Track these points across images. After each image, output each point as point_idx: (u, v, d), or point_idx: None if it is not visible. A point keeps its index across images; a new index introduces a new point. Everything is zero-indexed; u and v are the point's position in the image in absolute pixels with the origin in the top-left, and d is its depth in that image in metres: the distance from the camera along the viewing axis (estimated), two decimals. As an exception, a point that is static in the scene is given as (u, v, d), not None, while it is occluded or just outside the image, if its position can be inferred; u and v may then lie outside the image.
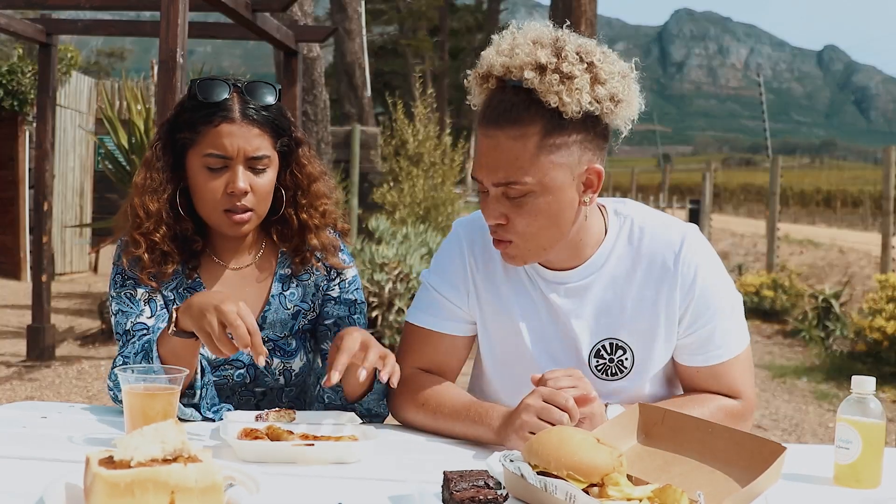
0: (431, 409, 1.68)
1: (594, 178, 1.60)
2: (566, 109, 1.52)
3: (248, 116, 1.74)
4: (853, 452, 1.43)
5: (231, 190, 1.73)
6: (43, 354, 6.24)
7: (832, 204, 21.72)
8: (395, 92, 12.08)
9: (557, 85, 1.51)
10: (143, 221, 1.77)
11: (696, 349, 1.69)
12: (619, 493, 1.22)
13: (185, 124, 1.77)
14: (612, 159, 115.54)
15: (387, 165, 10.19)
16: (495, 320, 1.76)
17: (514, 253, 1.64)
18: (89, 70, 24.27)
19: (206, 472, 1.12)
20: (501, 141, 1.55)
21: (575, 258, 1.70)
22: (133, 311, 1.79)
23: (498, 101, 1.57)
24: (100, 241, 10.36)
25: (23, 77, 9.98)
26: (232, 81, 1.78)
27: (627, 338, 1.69)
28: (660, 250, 1.68)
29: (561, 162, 1.55)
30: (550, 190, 1.56)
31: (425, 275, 1.84)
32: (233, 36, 6.43)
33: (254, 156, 1.75)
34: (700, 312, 1.66)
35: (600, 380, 1.70)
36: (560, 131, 1.54)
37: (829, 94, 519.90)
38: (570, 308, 1.70)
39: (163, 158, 1.79)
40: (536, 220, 1.58)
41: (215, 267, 1.87)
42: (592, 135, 1.58)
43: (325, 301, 1.93)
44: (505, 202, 1.58)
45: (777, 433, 4.98)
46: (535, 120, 1.54)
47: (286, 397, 1.90)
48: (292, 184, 1.87)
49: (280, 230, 1.89)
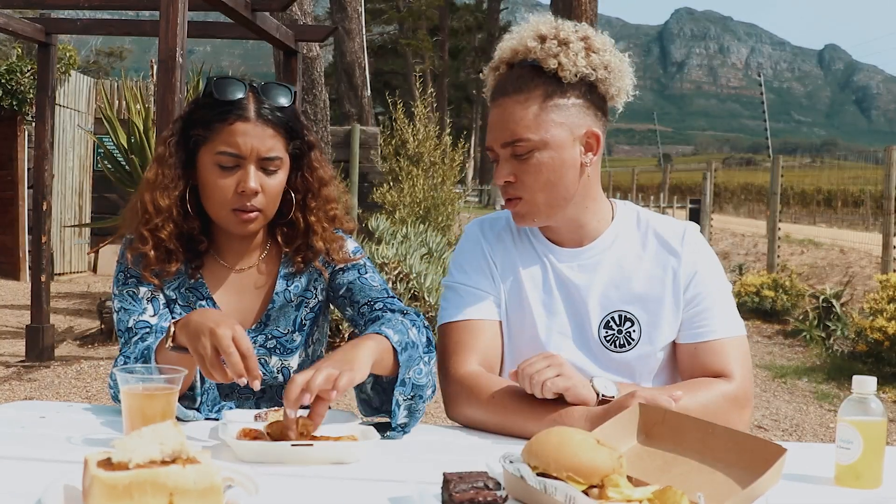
0: (497, 407, 1.67)
1: (593, 141, 1.76)
2: (564, 73, 1.71)
3: (262, 116, 1.74)
4: (854, 452, 1.43)
5: (242, 189, 1.73)
6: (42, 355, 6.24)
7: (833, 204, 21.71)
8: (395, 92, 12.07)
9: (556, 48, 1.71)
10: (153, 217, 1.76)
11: (691, 324, 1.78)
12: (619, 494, 1.21)
13: (200, 121, 1.76)
14: (613, 159, 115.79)
15: (387, 165, 10.19)
16: (511, 294, 1.84)
17: (523, 210, 1.77)
18: (88, 69, 24.30)
19: (204, 473, 1.12)
20: (508, 106, 1.74)
21: (584, 235, 1.83)
22: (135, 309, 1.79)
23: (506, 76, 1.79)
24: (99, 241, 10.36)
25: (22, 76, 9.98)
26: (248, 82, 1.78)
27: (635, 310, 1.79)
28: (665, 234, 1.83)
29: (561, 121, 1.73)
30: (552, 146, 1.72)
31: (447, 279, 1.89)
32: (232, 35, 6.42)
33: (266, 156, 1.74)
34: (699, 290, 1.79)
35: (609, 351, 1.79)
36: (560, 93, 1.73)
37: (829, 94, 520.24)
38: (581, 282, 1.81)
39: (175, 155, 1.79)
40: (541, 175, 1.73)
41: (219, 268, 1.87)
42: (590, 100, 1.76)
43: (334, 275, 1.91)
44: (513, 161, 1.74)
45: (778, 433, 4.98)
46: (538, 84, 1.73)
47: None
48: (302, 187, 1.86)
49: (285, 232, 1.88)
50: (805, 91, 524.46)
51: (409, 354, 1.65)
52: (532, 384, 1.59)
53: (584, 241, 1.83)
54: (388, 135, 10.40)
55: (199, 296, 1.85)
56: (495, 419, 1.67)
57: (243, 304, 1.87)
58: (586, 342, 1.80)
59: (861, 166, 18.45)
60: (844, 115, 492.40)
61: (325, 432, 1.54)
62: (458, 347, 1.79)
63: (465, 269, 1.86)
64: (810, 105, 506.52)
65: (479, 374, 1.74)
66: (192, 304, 1.84)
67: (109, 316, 6.94)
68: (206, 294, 1.85)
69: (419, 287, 6.82)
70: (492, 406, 1.68)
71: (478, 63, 7.36)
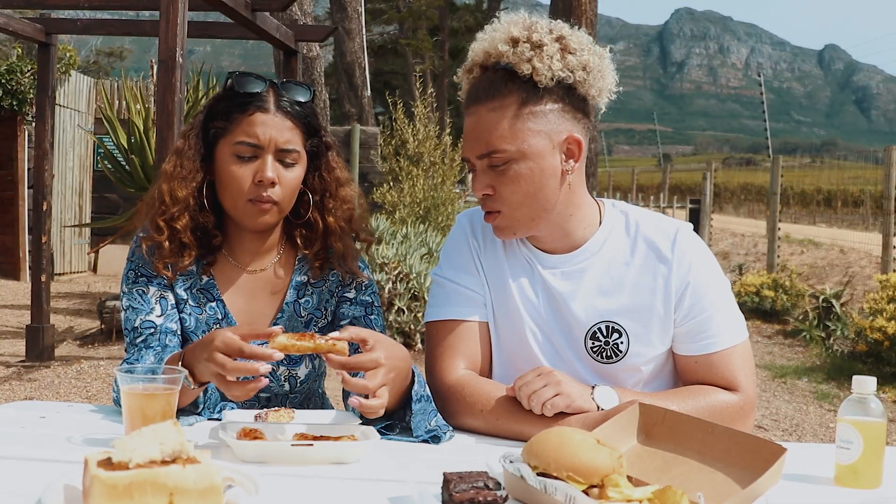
0: (491, 414, 1.66)
1: (574, 147, 1.68)
2: (539, 78, 1.62)
3: (282, 108, 1.76)
4: (854, 452, 1.43)
5: (259, 179, 1.73)
6: (42, 355, 6.23)
7: (833, 204, 21.70)
8: (395, 92, 12.07)
9: (528, 52, 1.62)
10: (169, 207, 1.77)
11: (693, 337, 1.72)
12: (619, 494, 1.21)
13: (220, 113, 1.78)
14: (612, 159, 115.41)
15: (387, 165, 10.19)
16: (497, 300, 1.79)
17: (502, 224, 1.71)
18: (88, 69, 24.29)
19: (204, 473, 1.12)
20: (482, 115, 1.66)
21: (571, 242, 1.75)
22: (143, 308, 1.79)
23: (478, 81, 1.70)
24: (99, 241, 10.36)
25: (22, 76, 9.98)
26: (268, 79, 1.80)
27: (623, 321, 1.72)
28: (656, 238, 1.74)
29: (538, 129, 1.64)
30: (530, 156, 1.64)
31: (436, 271, 1.85)
32: (232, 35, 6.43)
33: (284, 148, 1.75)
34: (696, 300, 1.70)
35: (596, 362, 1.73)
36: (536, 100, 1.64)
37: (829, 94, 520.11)
38: (567, 290, 1.74)
39: (195, 147, 1.80)
40: (520, 186, 1.66)
41: (230, 268, 1.86)
42: (568, 104, 1.67)
43: (340, 303, 1.91)
44: (490, 173, 1.67)
45: (777, 433, 4.98)
46: (512, 91, 1.64)
47: (290, 404, 1.89)
48: (320, 187, 1.86)
49: (304, 234, 1.88)
50: (805, 91, 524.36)
51: (422, 406, 1.63)
52: (531, 405, 1.58)
53: (569, 247, 1.75)
54: (388, 135, 10.40)
55: (210, 297, 1.84)
56: (492, 429, 1.67)
57: (253, 308, 1.87)
58: (574, 351, 1.74)
59: (861, 166, 18.45)
60: (844, 115, 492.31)
61: (325, 432, 1.54)
62: (445, 351, 1.76)
63: (454, 264, 1.82)
64: (810, 105, 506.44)
65: (467, 382, 1.71)
66: (203, 304, 1.83)
67: (109, 316, 6.94)
68: (216, 296, 1.84)
69: (419, 287, 6.82)
70: (484, 417, 1.66)
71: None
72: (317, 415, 1.68)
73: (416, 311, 6.77)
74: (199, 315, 1.82)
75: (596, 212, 1.77)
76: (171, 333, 1.79)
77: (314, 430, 1.56)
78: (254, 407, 1.86)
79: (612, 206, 1.80)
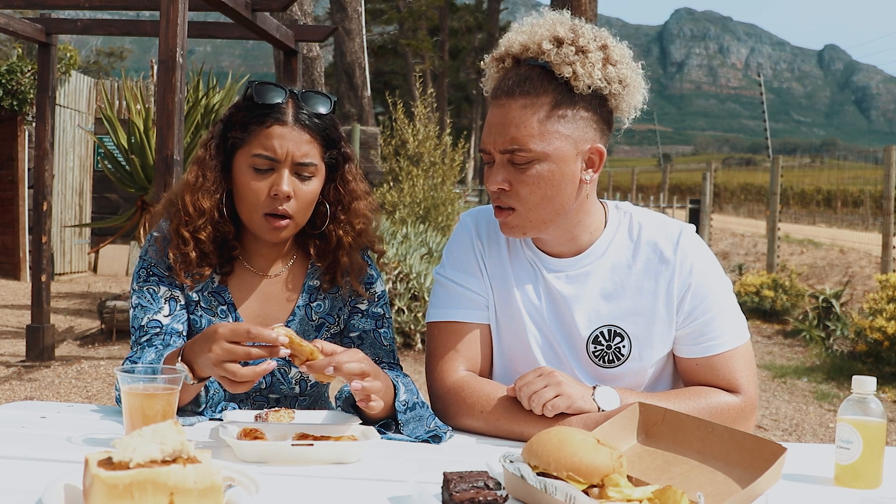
0: (491, 415, 1.67)
1: (596, 157, 1.68)
2: (578, 83, 1.61)
3: (300, 121, 1.74)
4: (854, 452, 1.43)
5: (275, 192, 1.72)
6: (42, 354, 6.24)
7: (832, 204, 21.72)
8: (395, 92, 12.08)
9: (573, 56, 1.60)
10: (194, 219, 1.76)
11: (695, 339, 1.71)
12: (619, 494, 1.21)
13: (238, 124, 1.76)
14: (612, 159, 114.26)
15: (387, 165, 10.19)
16: (500, 303, 1.78)
17: (514, 222, 1.69)
18: (89, 70, 24.30)
19: (205, 472, 1.12)
20: (513, 109, 1.62)
21: (576, 246, 1.75)
22: (152, 307, 1.79)
23: (514, 74, 1.66)
24: (99, 241, 10.36)
25: (22, 77, 9.99)
26: (289, 88, 1.78)
27: (626, 325, 1.72)
28: (659, 241, 1.73)
29: (567, 133, 1.63)
30: (554, 159, 1.63)
31: (439, 270, 1.84)
32: (233, 35, 6.43)
33: (301, 161, 1.73)
34: (697, 302, 1.70)
35: (598, 366, 1.73)
36: (569, 104, 1.62)
37: (829, 94, 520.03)
38: (571, 294, 1.73)
39: (216, 158, 1.79)
40: (539, 188, 1.64)
41: (245, 273, 1.86)
42: (598, 116, 1.66)
43: (353, 313, 1.91)
44: (510, 168, 1.65)
45: (777, 433, 4.98)
46: (547, 91, 1.62)
47: (300, 406, 1.89)
48: (335, 199, 1.85)
49: (319, 245, 1.87)
50: (805, 91, 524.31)
51: (413, 414, 1.65)
52: (532, 406, 1.59)
53: (574, 251, 1.75)
54: (388, 135, 10.41)
55: (221, 300, 1.84)
56: (492, 430, 1.67)
57: (265, 311, 1.87)
58: (576, 354, 1.74)
59: (861, 166, 18.46)
60: (844, 115, 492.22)
61: (325, 432, 1.54)
62: (446, 352, 1.76)
63: (457, 265, 1.81)
64: (810, 105, 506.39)
65: (466, 384, 1.71)
66: (214, 308, 1.83)
67: (110, 316, 6.93)
68: (227, 299, 1.84)
69: (419, 287, 6.83)
70: (484, 418, 1.67)
71: (478, 63, 7.45)
72: (317, 415, 1.68)
73: (416, 311, 6.78)
74: (211, 318, 1.83)
75: (601, 217, 1.77)
76: (175, 334, 1.79)
77: (314, 431, 1.56)
78: (262, 407, 1.86)
79: (615, 209, 1.80)
